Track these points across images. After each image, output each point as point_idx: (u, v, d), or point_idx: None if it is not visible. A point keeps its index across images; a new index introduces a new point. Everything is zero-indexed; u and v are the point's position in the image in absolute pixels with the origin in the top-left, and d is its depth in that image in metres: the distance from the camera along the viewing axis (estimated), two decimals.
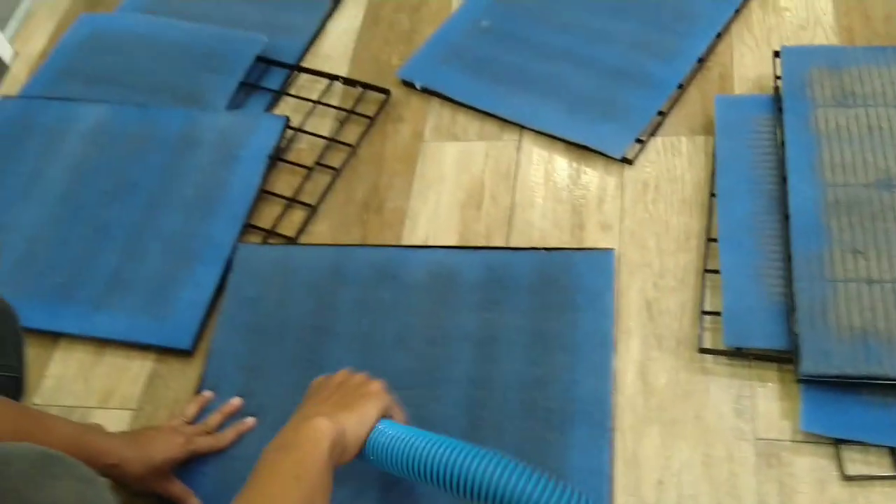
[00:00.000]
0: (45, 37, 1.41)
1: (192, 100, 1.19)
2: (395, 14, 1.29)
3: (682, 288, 0.93)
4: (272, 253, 1.03)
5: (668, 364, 0.88)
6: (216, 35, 1.26)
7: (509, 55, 1.16)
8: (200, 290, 0.99)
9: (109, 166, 1.13)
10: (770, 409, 0.82)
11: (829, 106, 0.97)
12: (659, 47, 1.12)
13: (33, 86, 1.28)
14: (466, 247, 1.00)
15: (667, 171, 1.03)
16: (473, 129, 1.13)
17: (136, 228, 1.06)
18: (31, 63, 1.37)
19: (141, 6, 1.38)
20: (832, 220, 0.88)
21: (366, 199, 1.09)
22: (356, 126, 1.16)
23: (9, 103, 1.25)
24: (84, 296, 1.02)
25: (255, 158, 1.10)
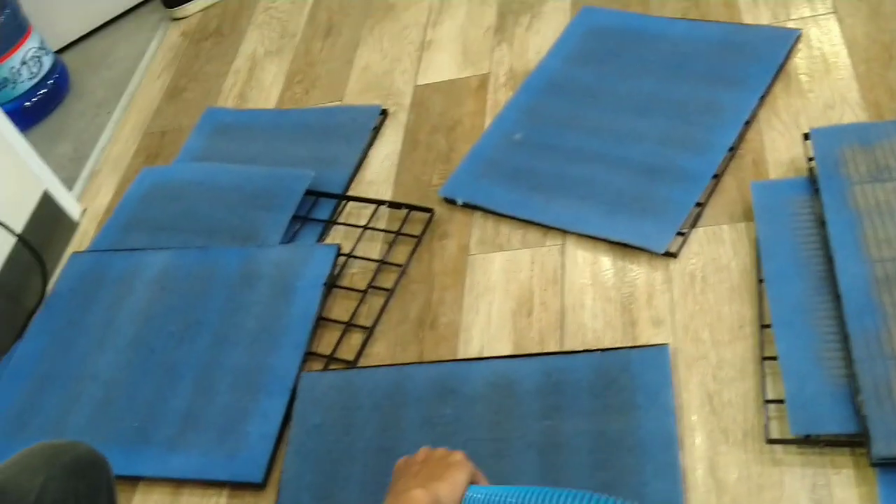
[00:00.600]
0: (110, 192, 1.52)
1: (248, 238, 1.25)
2: (432, 136, 1.35)
3: (743, 378, 0.92)
4: (334, 379, 1.06)
5: (737, 458, 0.86)
6: (266, 174, 1.33)
7: (544, 163, 1.21)
8: (268, 422, 1.02)
9: (175, 308, 1.19)
10: (848, 496, 0.80)
11: (866, 182, 0.97)
12: (689, 141, 1.15)
13: (102, 239, 1.37)
14: (522, 355, 1.02)
15: (712, 260, 1.04)
16: (517, 237, 1.16)
17: (203, 366, 1.11)
18: (98, 218, 1.47)
19: (196, 154, 1.47)
20: (884, 296, 0.87)
21: (420, 316, 1.12)
22: (404, 246, 1.21)
23: (80, 258, 1.34)
24: (159, 437, 1.06)
25: (312, 287, 1.15)
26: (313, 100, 1.52)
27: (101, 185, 1.54)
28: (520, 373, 0.99)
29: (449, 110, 1.38)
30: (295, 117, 1.47)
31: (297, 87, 1.56)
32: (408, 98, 1.43)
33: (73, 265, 1.33)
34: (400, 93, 1.45)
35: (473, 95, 1.39)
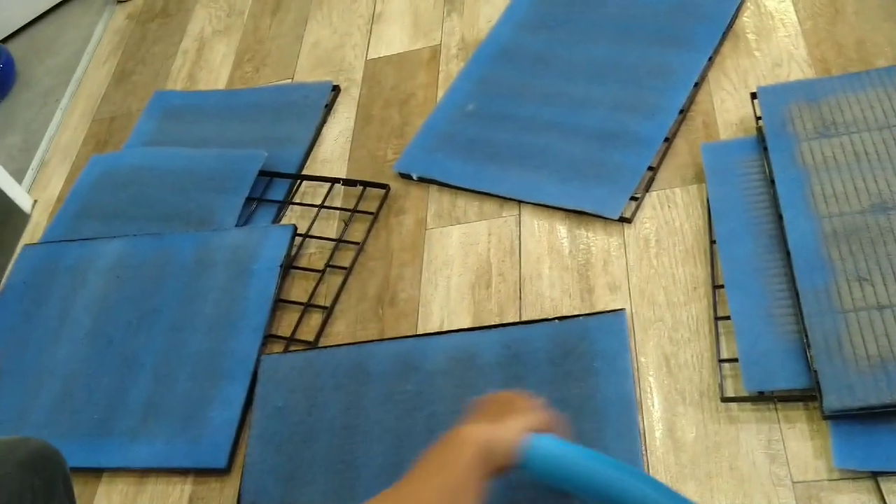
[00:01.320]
0: (61, 181, 1.49)
1: (202, 222, 1.24)
2: (385, 111, 1.34)
3: (698, 338, 0.93)
4: (294, 360, 1.05)
5: (694, 417, 0.87)
6: (218, 157, 1.31)
7: (498, 134, 1.20)
8: (230, 407, 1.02)
9: (131, 297, 1.17)
10: (802, 449, 0.82)
11: (813, 139, 0.98)
12: (640, 105, 1.15)
13: (54, 230, 1.34)
14: (481, 327, 1.02)
15: (665, 224, 1.04)
16: (473, 210, 1.16)
17: (162, 355, 1.10)
18: (49, 208, 1.44)
19: (146, 139, 1.45)
20: (833, 251, 0.88)
21: (379, 293, 1.12)
22: (361, 224, 1.20)
23: (32, 250, 1.31)
24: (121, 428, 1.05)
25: (268, 270, 1.14)
26: (264, 78, 1.49)
27: (51, 174, 1.51)
28: (480, 345, 0.99)
29: (401, 84, 1.37)
30: (246, 97, 1.45)
31: (247, 66, 1.53)
32: (359, 73, 1.41)
33: (26, 258, 1.30)
34: (351, 68, 1.43)
35: (425, 67, 1.37)
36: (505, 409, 0.74)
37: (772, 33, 1.17)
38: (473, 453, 0.67)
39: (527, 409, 0.74)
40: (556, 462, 0.71)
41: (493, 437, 0.69)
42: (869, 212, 0.90)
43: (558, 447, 0.72)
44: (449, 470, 0.65)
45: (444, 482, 0.65)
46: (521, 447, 0.72)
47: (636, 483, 0.70)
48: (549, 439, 0.73)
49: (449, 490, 0.64)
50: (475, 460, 0.66)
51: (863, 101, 0.99)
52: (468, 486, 0.65)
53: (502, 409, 0.74)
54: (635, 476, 0.71)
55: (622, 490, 0.70)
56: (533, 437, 0.73)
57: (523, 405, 0.75)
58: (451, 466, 0.65)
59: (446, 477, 0.65)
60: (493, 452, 0.69)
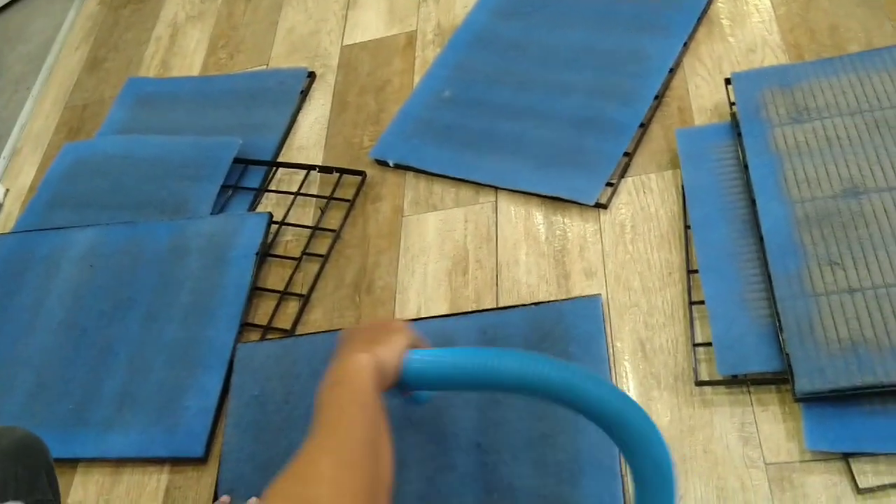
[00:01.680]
0: (33, 170, 1.47)
1: (177, 210, 1.23)
2: (361, 97, 1.33)
3: (672, 323, 0.94)
4: (271, 348, 1.05)
5: (669, 402, 0.88)
6: (193, 144, 1.30)
7: (474, 120, 1.20)
8: (206, 396, 1.01)
9: (105, 286, 1.16)
10: (775, 432, 0.83)
11: (786, 124, 0.99)
12: (616, 91, 1.15)
13: (25, 219, 1.33)
14: (458, 313, 1.02)
15: (641, 209, 1.05)
16: (450, 196, 1.15)
17: (137, 344, 1.09)
18: (21, 197, 1.42)
19: (120, 127, 1.43)
20: (805, 236, 0.89)
21: (355, 280, 1.11)
22: (338, 211, 1.19)
23: (4, 240, 1.29)
24: (96, 418, 1.04)
25: (244, 258, 1.13)
26: (238, 65, 1.48)
27: (22, 163, 1.49)
28: (456, 331, 0.99)
29: (377, 70, 1.36)
30: (220, 84, 1.43)
31: (222, 53, 1.52)
32: (335, 59, 1.41)
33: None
34: (327, 54, 1.42)
35: (401, 54, 1.37)
36: (379, 332, 0.77)
37: (746, 19, 1.18)
38: (370, 375, 0.70)
39: (401, 329, 0.78)
40: (434, 367, 0.75)
41: (381, 359, 0.73)
42: (840, 196, 0.91)
43: (433, 354, 0.76)
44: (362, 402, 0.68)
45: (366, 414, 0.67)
46: (404, 362, 0.76)
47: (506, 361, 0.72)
48: (420, 350, 0.77)
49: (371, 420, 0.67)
50: (374, 381, 0.70)
51: (835, 87, 1.00)
52: (380, 408, 0.69)
53: (377, 334, 0.77)
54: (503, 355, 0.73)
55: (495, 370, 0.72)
56: (412, 352, 0.77)
57: (395, 327, 0.78)
58: (361, 398, 0.68)
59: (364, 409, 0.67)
60: (384, 372, 0.72)
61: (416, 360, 0.76)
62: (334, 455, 0.61)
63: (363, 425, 0.65)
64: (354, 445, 0.63)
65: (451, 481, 0.88)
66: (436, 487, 0.88)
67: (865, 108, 0.97)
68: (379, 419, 0.67)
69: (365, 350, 0.73)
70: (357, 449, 0.63)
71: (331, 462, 0.60)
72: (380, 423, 0.67)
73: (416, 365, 0.75)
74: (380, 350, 0.73)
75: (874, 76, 0.99)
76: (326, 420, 0.66)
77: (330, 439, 0.64)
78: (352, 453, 0.62)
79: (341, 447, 0.62)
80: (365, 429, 0.65)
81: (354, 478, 0.60)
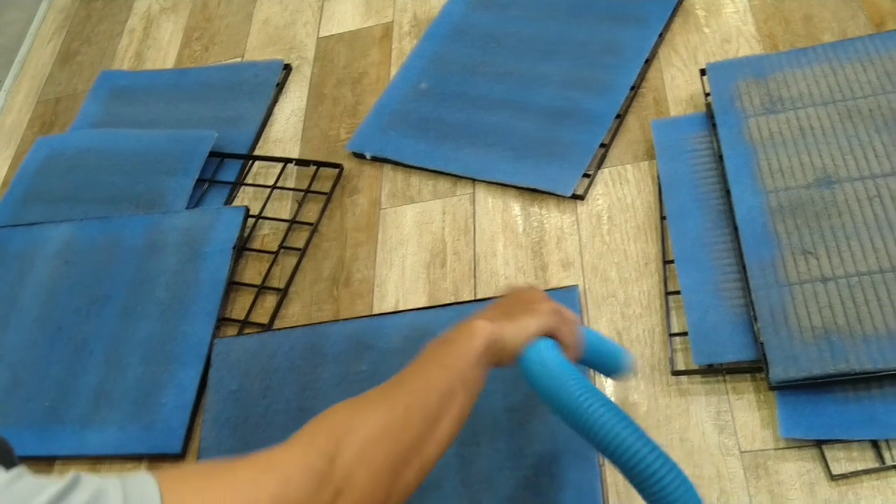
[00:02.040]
0: (5, 165, 1.45)
1: (152, 204, 1.21)
2: (338, 89, 1.33)
3: (649, 314, 0.94)
4: (248, 343, 1.04)
5: (646, 392, 0.89)
6: (168, 138, 1.29)
7: (451, 112, 1.20)
8: (183, 392, 1.00)
9: (81, 282, 1.15)
10: (750, 420, 0.84)
11: (760, 115, 0.99)
12: (592, 82, 1.15)
13: None
14: (435, 306, 1.02)
15: (617, 200, 1.05)
16: (427, 189, 1.15)
17: (113, 340, 1.08)
18: None
19: (93, 121, 1.41)
20: (779, 226, 0.90)
21: (333, 274, 1.11)
22: (315, 204, 1.19)
23: None
24: (72, 415, 1.03)
25: (221, 252, 1.12)
26: (213, 57, 1.47)
27: None
28: (434, 323, 0.99)
29: (354, 62, 1.35)
30: (195, 76, 1.42)
31: (196, 45, 1.50)
32: (311, 51, 1.40)
33: None
34: (302, 46, 1.41)
35: (378, 45, 1.36)
36: (521, 306, 0.73)
37: (721, 9, 1.18)
38: (480, 345, 0.67)
39: (542, 312, 0.73)
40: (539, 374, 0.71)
41: (502, 335, 0.69)
42: (814, 186, 0.91)
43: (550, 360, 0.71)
44: (456, 358, 0.66)
45: (451, 369, 0.65)
46: (524, 349, 0.71)
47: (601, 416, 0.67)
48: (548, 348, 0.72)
49: (455, 377, 0.65)
50: (480, 352, 0.67)
51: (808, 77, 1.01)
52: (471, 376, 0.66)
53: (518, 307, 0.73)
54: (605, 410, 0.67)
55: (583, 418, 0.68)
56: (537, 341, 0.72)
57: (540, 307, 0.74)
58: (458, 355, 0.66)
59: (453, 364, 0.66)
60: (498, 348, 0.69)
61: (532, 358, 0.71)
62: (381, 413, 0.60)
63: (432, 392, 0.63)
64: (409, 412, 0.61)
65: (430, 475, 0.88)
66: None
67: (839, 97, 0.98)
68: (458, 389, 0.64)
69: (492, 319, 0.70)
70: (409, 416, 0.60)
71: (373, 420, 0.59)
72: (457, 393, 0.64)
73: (528, 362, 0.71)
74: (508, 325, 0.70)
75: (847, 66, 1.00)
76: (405, 372, 0.65)
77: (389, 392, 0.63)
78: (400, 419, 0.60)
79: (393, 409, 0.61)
80: (431, 396, 0.62)
81: (387, 444, 0.58)
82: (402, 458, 0.59)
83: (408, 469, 0.59)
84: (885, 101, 0.95)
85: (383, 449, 0.58)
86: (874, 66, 0.99)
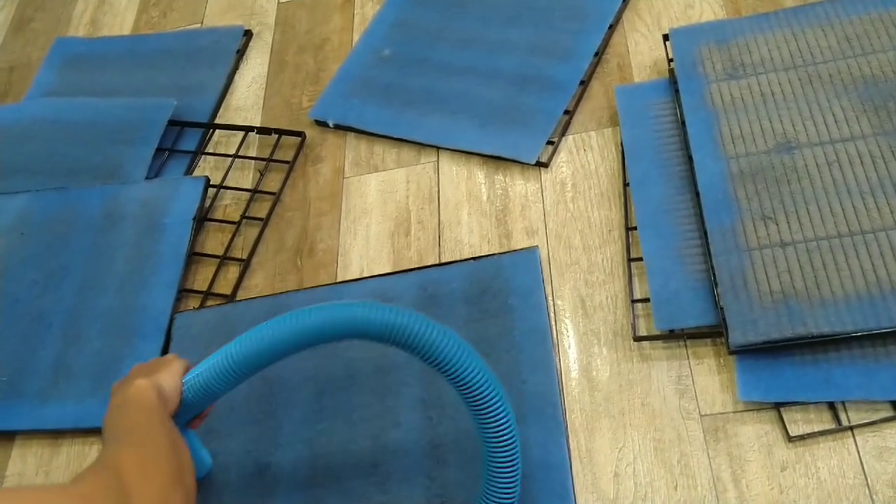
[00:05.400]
0: None
1: (110, 175, 1.19)
2: (300, 56, 1.30)
3: (612, 280, 0.95)
4: (210, 315, 1.03)
5: (608, 357, 0.89)
6: (125, 106, 1.26)
7: (414, 79, 1.18)
8: None
9: (37, 255, 1.13)
10: (709, 384, 0.85)
11: (722, 80, 0.99)
12: (556, 48, 1.14)
13: None
14: (398, 272, 1.02)
15: (581, 167, 1.05)
16: (391, 157, 1.14)
17: (71, 313, 1.06)
18: None
19: (48, 89, 1.38)
20: (739, 191, 0.90)
21: (296, 244, 1.10)
22: (277, 173, 1.17)
23: None
24: (31, 390, 1.02)
25: (180, 223, 1.10)
26: (171, 23, 1.43)
27: None
28: (396, 289, 0.99)
29: (315, 28, 1.33)
30: (153, 43, 1.39)
31: (154, 10, 1.46)
32: (271, 17, 1.37)
33: None
34: (263, 11, 1.38)
35: (340, 11, 1.34)
36: (155, 364, 0.79)
37: None
38: (155, 398, 0.72)
39: (174, 360, 0.79)
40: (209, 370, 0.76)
41: (160, 383, 0.74)
42: (774, 151, 0.92)
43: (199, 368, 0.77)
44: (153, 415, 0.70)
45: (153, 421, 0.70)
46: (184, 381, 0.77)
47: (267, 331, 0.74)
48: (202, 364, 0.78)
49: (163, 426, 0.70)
50: (160, 404, 0.72)
51: (770, 42, 1.01)
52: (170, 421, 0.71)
53: (153, 365, 0.78)
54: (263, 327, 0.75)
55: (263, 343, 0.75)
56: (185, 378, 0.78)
57: (169, 358, 0.80)
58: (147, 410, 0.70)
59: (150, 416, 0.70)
60: (165, 394, 0.74)
61: (193, 375, 0.77)
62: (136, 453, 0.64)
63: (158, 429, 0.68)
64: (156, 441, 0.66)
65: (396, 438, 0.89)
66: (381, 444, 0.88)
67: (799, 63, 0.98)
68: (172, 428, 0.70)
69: (143, 376, 0.74)
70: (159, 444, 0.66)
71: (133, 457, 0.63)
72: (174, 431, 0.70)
73: (193, 379, 0.76)
74: (158, 376, 0.75)
75: (808, 31, 1.00)
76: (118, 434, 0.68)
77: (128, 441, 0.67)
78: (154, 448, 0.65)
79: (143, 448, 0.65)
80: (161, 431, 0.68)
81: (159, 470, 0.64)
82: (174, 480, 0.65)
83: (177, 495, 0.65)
84: (845, 65, 0.96)
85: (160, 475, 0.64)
86: (835, 31, 0.99)
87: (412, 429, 0.89)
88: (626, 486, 0.81)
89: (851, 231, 0.84)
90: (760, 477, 0.78)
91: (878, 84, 0.93)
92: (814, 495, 0.76)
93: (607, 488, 0.81)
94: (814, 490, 0.77)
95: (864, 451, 0.77)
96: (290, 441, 0.92)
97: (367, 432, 0.90)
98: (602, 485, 0.82)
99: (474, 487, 0.83)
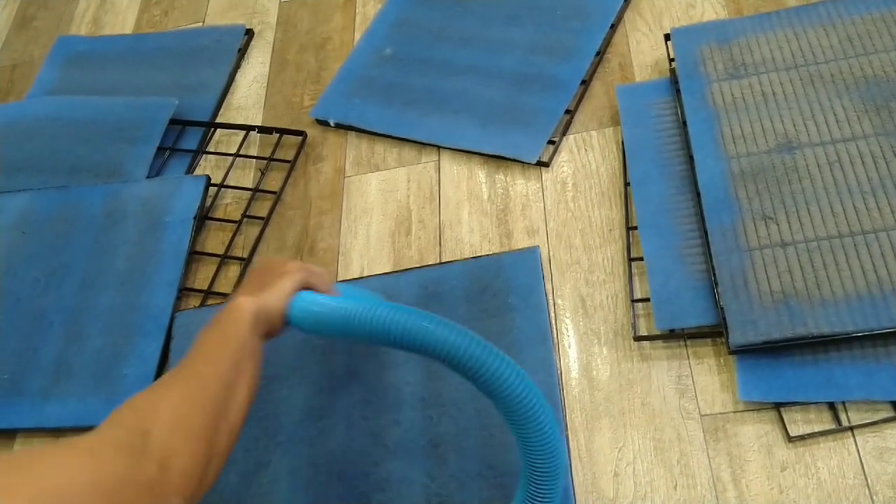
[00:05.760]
0: None
1: (112, 174, 1.19)
2: (301, 55, 1.30)
3: (612, 280, 0.94)
4: (210, 314, 1.02)
5: (609, 357, 0.89)
6: (127, 105, 1.26)
7: (416, 78, 1.18)
8: (144, 364, 0.99)
9: (38, 253, 1.13)
10: (710, 384, 0.84)
11: (723, 80, 0.99)
12: (557, 47, 1.14)
13: None
14: (398, 270, 1.02)
15: (582, 167, 1.05)
16: (392, 156, 1.14)
17: (73, 312, 1.06)
18: None
19: (50, 88, 1.38)
20: (740, 191, 0.90)
21: (297, 243, 1.10)
22: (278, 172, 1.17)
23: None
24: (32, 388, 1.02)
25: (182, 222, 1.10)
26: (173, 22, 1.43)
27: None
28: (397, 288, 0.99)
29: (317, 27, 1.33)
30: (154, 42, 1.39)
31: (155, 9, 1.47)
32: (273, 16, 1.37)
33: None
34: (264, 10, 1.38)
35: (341, 10, 1.34)
36: (269, 275, 0.77)
37: None
38: (247, 322, 0.71)
39: (290, 271, 0.78)
40: (316, 314, 0.75)
41: (262, 304, 0.73)
42: (775, 151, 0.92)
43: (316, 300, 0.76)
44: (229, 342, 0.69)
45: (231, 343, 0.69)
46: (287, 307, 0.76)
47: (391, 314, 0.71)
48: (308, 295, 0.76)
49: (237, 349, 0.69)
50: (250, 328, 0.71)
51: (772, 42, 1.01)
52: (248, 354, 0.70)
53: (268, 276, 0.77)
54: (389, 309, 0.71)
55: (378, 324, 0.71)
56: (296, 295, 0.76)
57: (286, 268, 0.78)
58: (230, 339, 0.70)
59: (228, 349, 0.69)
60: (264, 317, 0.73)
61: (299, 307, 0.75)
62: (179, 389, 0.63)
63: (220, 363, 0.67)
64: (205, 382, 0.65)
65: (397, 436, 0.89)
66: (382, 442, 0.88)
67: (801, 62, 0.98)
68: (243, 360, 0.69)
69: (249, 294, 0.74)
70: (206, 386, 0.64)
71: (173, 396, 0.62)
72: (243, 364, 0.68)
73: (297, 311, 0.75)
74: (265, 295, 0.74)
75: (810, 31, 1.00)
76: (188, 357, 0.68)
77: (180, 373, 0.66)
78: (199, 389, 0.64)
79: (188, 383, 0.64)
80: (220, 367, 0.66)
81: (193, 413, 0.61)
82: (210, 424, 0.62)
83: (218, 434, 0.63)
84: (847, 65, 0.95)
85: (192, 419, 0.62)
86: (836, 30, 0.99)
87: (412, 427, 0.89)
88: (626, 486, 0.81)
89: (852, 231, 0.84)
90: (760, 477, 0.78)
91: (880, 84, 0.93)
92: (814, 495, 0.76)
93: (607, 488, 0.81)
94: (814, 490, 0.76)
95: (865, 451, 0.77)
96: (290, 440, 0.92)
97: (367, 430, 0.90)
98: (602, 484, 0.82)
99: (474, 487, 0.83)
